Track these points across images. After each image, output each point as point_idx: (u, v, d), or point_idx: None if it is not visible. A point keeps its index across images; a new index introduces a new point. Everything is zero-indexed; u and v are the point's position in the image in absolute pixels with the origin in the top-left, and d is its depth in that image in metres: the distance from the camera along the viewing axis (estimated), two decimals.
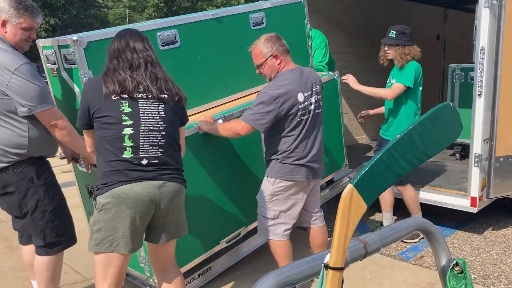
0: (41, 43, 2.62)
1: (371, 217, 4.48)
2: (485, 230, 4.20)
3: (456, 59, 7.39)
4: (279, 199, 2.79)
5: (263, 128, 2.67)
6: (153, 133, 2.11)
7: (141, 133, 2.08)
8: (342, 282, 1.11)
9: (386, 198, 3.84)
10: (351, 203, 1.06)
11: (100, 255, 2.10)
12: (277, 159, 2.76)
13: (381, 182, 1.11)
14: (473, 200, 3.80)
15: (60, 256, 2.58)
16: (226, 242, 3.01)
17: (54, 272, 2.55)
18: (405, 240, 3.64)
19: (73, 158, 2.71)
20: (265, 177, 2.84)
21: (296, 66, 2.81)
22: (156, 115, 2.13)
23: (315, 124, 2.80)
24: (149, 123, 2.11)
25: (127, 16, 35.31)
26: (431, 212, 4.20)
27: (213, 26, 3.04)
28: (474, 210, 3.82)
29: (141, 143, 2.08)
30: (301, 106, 2.70)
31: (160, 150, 2.12)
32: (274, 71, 2.78)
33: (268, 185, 2.81)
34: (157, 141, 2.12)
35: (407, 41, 3.63)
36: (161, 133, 2.13)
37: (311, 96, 2.76)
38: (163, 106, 2.15)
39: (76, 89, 2.52)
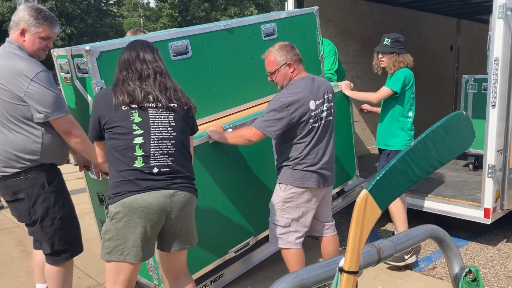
0: (55, 52, 2.67)
1: (383, 228, 4.44)
2: (499, 242, 4.13)
3: (469, 70, 7.34)
4: (291, 207, 2.79)
5: (274, 135, 2.69)
6: (164, 141, 2.13)
7: (151, 142, 2.10)
8: (356, 286, 1.12)
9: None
10: (365, 208, 1.07)
11: (111, 263, 2.13)
12: (288, 165, 2.77)
13: (396, 188, 1.13)
14: (486, 211, 3.76)
15: (70, 263, 2.60)
16: (235, 252, 3.01)
17: (64, 280, 2.57)
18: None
19: (85, 166, 2.75)
20: (277, 184, 2.86)
21: (307, 74, 2.85)
22: (166, 123, 2.15)
23: (327, 132, 2.82)
24: (159, 131, 2.13)
25: (141, 25, 35.77)
26: (444, 222, 4.13)
27: (225, 37, 3.07)
28: (488, 221, 3.78)
29: (151, 152, 2.10)
30: (312, 113, 2.72)
31: (170, 158, 2.13)
32: (287, 79, 2.81)
33: (280, 192, 2.82)
34: (167, 149, 2.13)
35: (401, 49, 3.62)
36: (171, 141, 2.14)
37: (323, 104, 2.79)
38: (173, 114, 2.17)
39: (89, 98, 2.56)
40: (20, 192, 2.42)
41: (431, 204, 4.17)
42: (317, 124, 2.76)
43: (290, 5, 4.77)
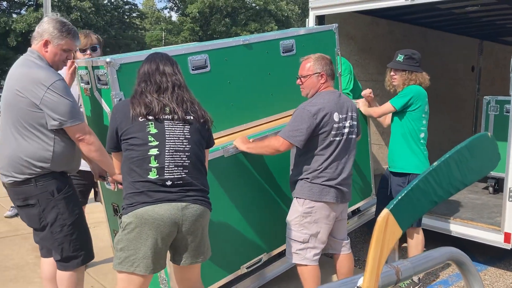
0: (76, 63, 2.72)
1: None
2: None
3: (490, 91, 7.24)
4: (309, 222, 2.78)
5: (301, 144, 2.71)
6: (178, 153, 2.13)
7: (166, 153, 2.11)
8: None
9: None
10: (386, 228, 1.05)
11: (123, 273, 2.13)
12: (306, 178, 2.76)
13: (417, 208, 1.12)
14: (507, 236, 3.66)
15: (81, 270, 2.61)
16: (247, 268, 2.97)
17: (76, 286, 2.58)
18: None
19: (101, 175, 2.77)
20: (294, 199, 2.84)
21: (335, 90, 2.90)
22: (181, 135, 2.16)
23: (348, 148, 2.82)
24: (174, 143, 2.13)
25: (163, 38, 36.39)
26: (461, 246, 4.02)
27: (243, 52, 3.09)
28: (508, 246, 3.68)
29: (166, 164, 2.10)
30: (335, 125, 2.74)
31: (184, 171, 2.13)
32: (314, 88, 2.85)
33: (298, 206, 2.80)
34: (181, 161, 2.13)
35: (415, 67, 3.43)
36: (186, 153, 2.15)
37: (346, 120, 2.80)
38: (189, 127, 2.18)
39: (107, 109, 2.59)
40: (31, 198, 2.46)
41: (449, 226, 4.08)
42: (338, 138, 2.76)
43: (311, 22, 4.79)
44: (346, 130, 2.81)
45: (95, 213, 2.76)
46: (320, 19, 4.80)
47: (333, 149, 2.75)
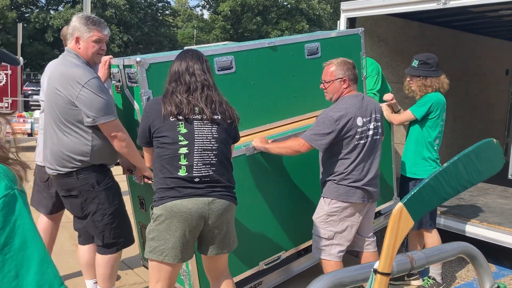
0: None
1: None
2: None
3: None
4: (335, 220, 2.85)
5: (322, 148, 2.79)
6: (206, 152, 2.24)
7: (195, 152, 2.22)
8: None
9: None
10: (400, 219, 1.20)
11: (153, 261, 2.27)
12: (334, 180, 2.84)
13: (427, 203, 1.26)
14: None
15: (118, 255, 2.79)
16: (265, 264, 3.05)
17: (112, 270, 2.77)
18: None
19: (128, 169, 2.90)
20: (321, 198, 2.93)
21: (358, 93, 2.94)
22: (209, 135, 2.26)
23: (373, 149, 2.88)
24: (202, 143, 2.24)
25: (194, 36, 36.82)
26: (488, 250, 4.01)
27: (268, 54, 3.16)
28: None
29: (195, 162, 2.22)
30: (359, 129, 2.79)
31: (212, 168, 2.25)
32: (337, 93, 2.91)
33: (324, 206, 2.88)
34: (209, 159, 2.24)
35: (430, 72, 3.38)
36: (214, 152, 2.26)
37: (370, 122, 2.85)
38: (217, 127, 2.28)
39: (136, 106, 2.72)
40: (73, 190, 2.64)
41: (476, 230, 4.05)
42: (362, 141, 2.82)
43: (342, 24, 4.82)
44: (371, 132, 2.85)
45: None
46: (352, 21, 4.82)
47: (358, 152, 2.81)
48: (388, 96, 3.76)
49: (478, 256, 1.52)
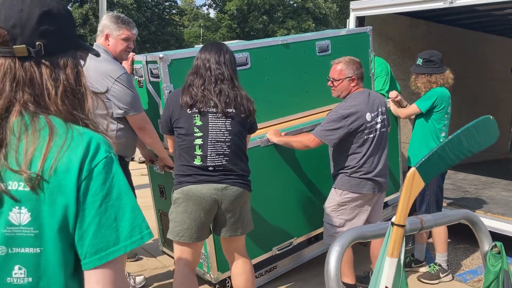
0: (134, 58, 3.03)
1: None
2: None
3: None
4: (345, 209, 3.02)
5: (332, 143, 2.95)
6: (220, 143, 2.39)
7: (209, 144, 2.38)
8: (403, 240, 1.48)
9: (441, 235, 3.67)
10: (413, 181, 1.43)
11: (174, 242, 2.46)
12: (345, 173, 3.00)
13: (436, 168, 1.52)
14: None
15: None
16: (278, 250, 3.22)
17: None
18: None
19: (151, 160, 3.08)
20: (332, 188, 3.08)
21: (364, 89, 3.10)
22: (223, 127, 2.40)
23: (381, 142, 3.05)
24: (216, 135, 2.39)
25: (201, 35, 37.02)
26: (495, 240, 4.16)
27: (282, 51, 3.32)
28: None
29: (208, 153, 2.37)
30: (368, 125, 2.95)
31: (225, 158, 2.40)
32: (346, 91, 3.06)
33: (336, 196, 3.04)
34: (222, 150, 2.39)
35: (434, 69, 3.53)
36: (227, 144, 2.40)
37: (377, 116, 3.01)
38: (230, 120, 2.41)
39: (158, 100, 2.89)
40: None
41: (481, 220, 4.19)
42: (372, 135, 2.98)
43: (351, 22, 4.97)
44: (378, 125, 3.01)
45: (143, 198, 3.09)
46: (360, 20, 4.97)
47: (368, 146, 2.97)
48: (392, 94, 3.92)
49: (478, 221, 1.77)
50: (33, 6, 0.95)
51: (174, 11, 34.08)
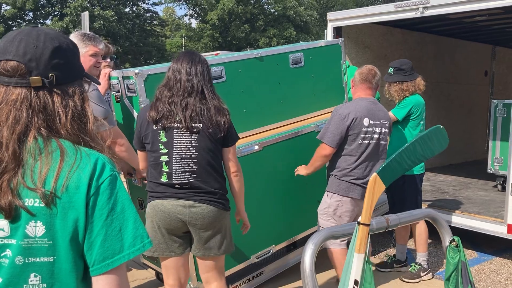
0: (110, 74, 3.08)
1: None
2: None
3: (504, 95, 7.38)
4: (336, 214, 3.11)
5: (334, 144, 3.06)
6: (185, 160, 2.30)
7: (173, 161, 2.30)
8: (369, 238, 1.64)
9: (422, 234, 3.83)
10: (375, 184, 1.61)
11: (152, 256, 2.48)
12: (336, 175, 3.11)
13: (394, 173, 1.69)
14: (510, 227, 3.95)
15: None
16: (257, 258, 3.28)
17: None
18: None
19: (128, 173, 3.12)
20: (325, 192, 3.19)
21: (371, 98, 3.21)
22: (188, 144, 2.30)
23: (377, 153, 3.14)
24: (181, 151, 2.30)
25: (183, 45, 37.05)
26: (472, 239, 4.42)
27: (256, 64, 3.40)
28: (511, 236, 3.95)
29: (173, 170, 2.30)
30: (364, 129, 3.06)
31: (193, 175, 2.31)
32: (354, 94, 3.26)
33: (327, 199, 3.16)
34: (189, 167, 2.30)
35: (405, 76, 3.67)
36: (193, 160, 2.30)
37: (377, 126, 3.12)
38: (196, 135, 2.30)
39: (135, 114, 2.94)
40: None
41: (458, 220, 4.38)
42: (366, 142, 3.08)
43: (329, 33, 5.11)
44: (376, 135, 3.11)
45: None
46: (338, 30, 5.11)
47: (362, 151, 3.07)
48: None
49: (439, 219, 1.94)
50: (46, 43, 1.07)
51: (155, 22, 34.07)
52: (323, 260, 3.23)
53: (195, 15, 36.86)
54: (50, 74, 1.07)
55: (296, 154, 3.43)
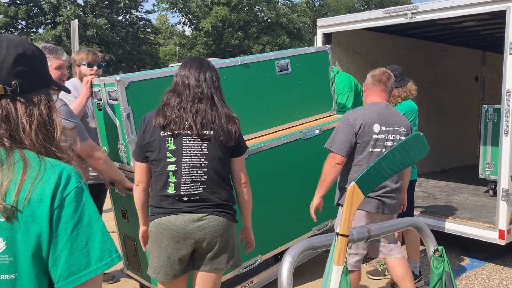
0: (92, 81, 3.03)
1: None
2: None
3: (495, 100, 7.37)
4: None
5: (344, 153, 2.85)
6: (195, 169, 2.16)
7: (182, 170, 2.15)
8: (347, 247, 1.56)
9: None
10: (353, 193, 1.54)
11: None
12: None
13: (373, 181, 1.62)
14: (501, 232, 3.91)
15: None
16: (243, 268, 3.21)
17: None
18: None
19: (111, 182, 3.05)
20: (339, 207, 2.99)
21: (383, 102, 3.00)
22: (198, 152, 2.16)
23: None
24: (190, 160, 2.15)
25: (177, 53, 37.08)
26: (464, 245, 4.41)
27: (242, 71, 3.35)
28: (502, 242, 3.92)
29: (182, 180, 2.15)
30: (374, 136, 2.85)
31: (202, 186, 2.16)
32: (364, 99, 3.13)
33: (341, 212, 3.00)
34: (198, 177, 2.16)
35: (396, 83, 3.55)
36: (203, 169, 2.16)
37: (390, 133, 2.90)
38: (207, 143, 2.17)
39: (117, 122, 2.87)
40: None
41: (450, 226, 4.35)
42: (377, 150, 2.86)
43: (318, 39, 5.09)
44: (389, 143, 2.87)
45: (109, 221, 3.07)
46: (327, 36, 5.09)
47: (373, 161, 2.91)
48: None
49: (424, 227, 1.90)
50: (10, 49, 1.04)
51: (149, 30, 34.10)
52: (306, 271, 3.16)
53: (189, 22, 36.94)
54: (13, 82, 1.03)
55: (283, 162, 3.37)
